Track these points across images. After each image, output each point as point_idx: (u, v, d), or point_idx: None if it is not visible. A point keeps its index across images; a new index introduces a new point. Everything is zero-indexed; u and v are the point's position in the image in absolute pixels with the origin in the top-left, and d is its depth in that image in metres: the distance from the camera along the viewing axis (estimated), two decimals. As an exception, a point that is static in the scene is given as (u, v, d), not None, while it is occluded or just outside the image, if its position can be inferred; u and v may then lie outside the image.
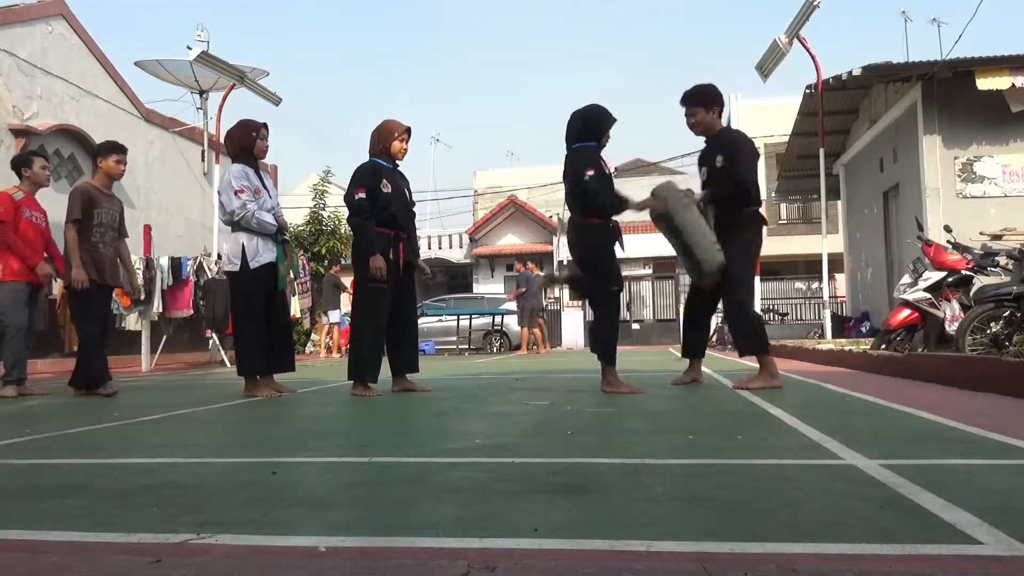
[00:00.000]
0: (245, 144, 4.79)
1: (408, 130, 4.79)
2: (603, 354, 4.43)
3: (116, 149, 5.49)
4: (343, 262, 18.27)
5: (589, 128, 4.48)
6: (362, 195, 4.57)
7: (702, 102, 4.57)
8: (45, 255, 5.61)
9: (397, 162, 4.83)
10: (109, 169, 5.45)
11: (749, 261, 4.53)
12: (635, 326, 23.69)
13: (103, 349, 5.40)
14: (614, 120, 4.55)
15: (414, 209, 4.97)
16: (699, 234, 4.41)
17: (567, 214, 4.96)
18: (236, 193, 4.63)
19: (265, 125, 4.87)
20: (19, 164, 5.69)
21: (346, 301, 14.86)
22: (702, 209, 4.49)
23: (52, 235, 5.77)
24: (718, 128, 4.63)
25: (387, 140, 4.72)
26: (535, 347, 14.83)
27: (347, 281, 15.23)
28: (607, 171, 4.46)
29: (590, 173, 4.29)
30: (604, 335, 4.48)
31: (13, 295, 5.38)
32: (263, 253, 4.69)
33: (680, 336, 5.16)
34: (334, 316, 14.34)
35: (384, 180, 4.65)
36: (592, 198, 4.32)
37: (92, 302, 5.28)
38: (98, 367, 5.23)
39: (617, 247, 4.51)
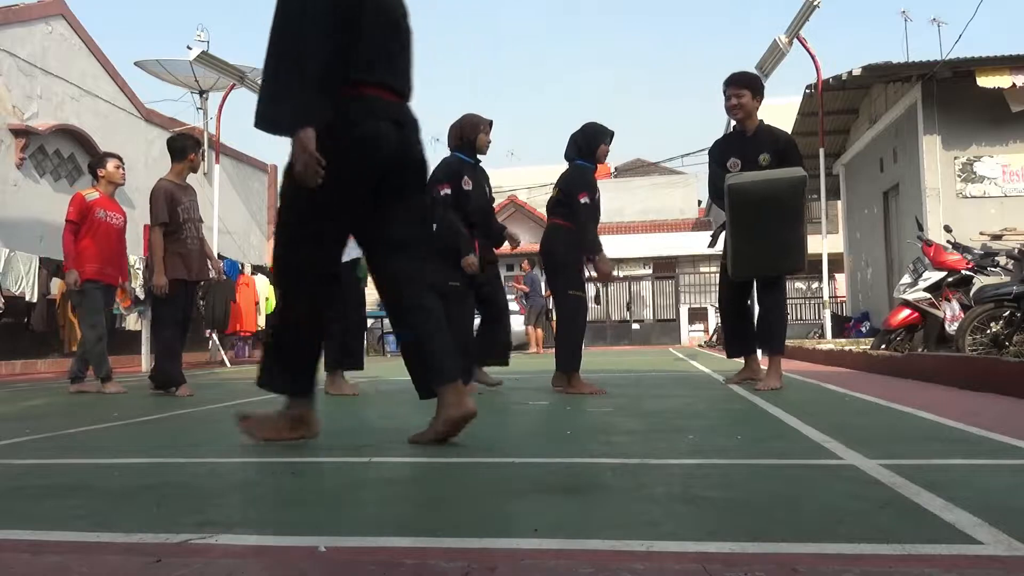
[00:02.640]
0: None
1: (491, 123, 4.77)
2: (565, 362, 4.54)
3: (200, 144, 5.61)
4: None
5: (588, 146, 4.63)
6: (447, 191, 4.56)
7: (752, 86, 4.50)
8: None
9: (479, 157, 4.80)
10: (195, 164, 5.55)
11: None
12: (635, 326, 23.69)
13: (181, 347, 5.48)
14: (609, 134, 4.67)
15: (493, 205, 4.99)
16: (729, 244, 4.44)
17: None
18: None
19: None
20: (94, 165, 5.79)
21: None
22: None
23: (123, 238, 5.81)
24: (756, 120, 4.54)
25: (471, 133, 4.70)
26: (536, 346, 14.84)
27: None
28: (597, 199, 4.58)
29: (583, 200, 4.46)
30: (570, 343, 4.59)
31: (86, 299, 5.44)
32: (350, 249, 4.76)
33: (681, 336, 5.17)
34: None
35: (466, 177, 4.64)
36: (581, 225, 4.49)
37: (176, 304, 5.24)
38: (173, 368, 5.21)
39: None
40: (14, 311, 9.76)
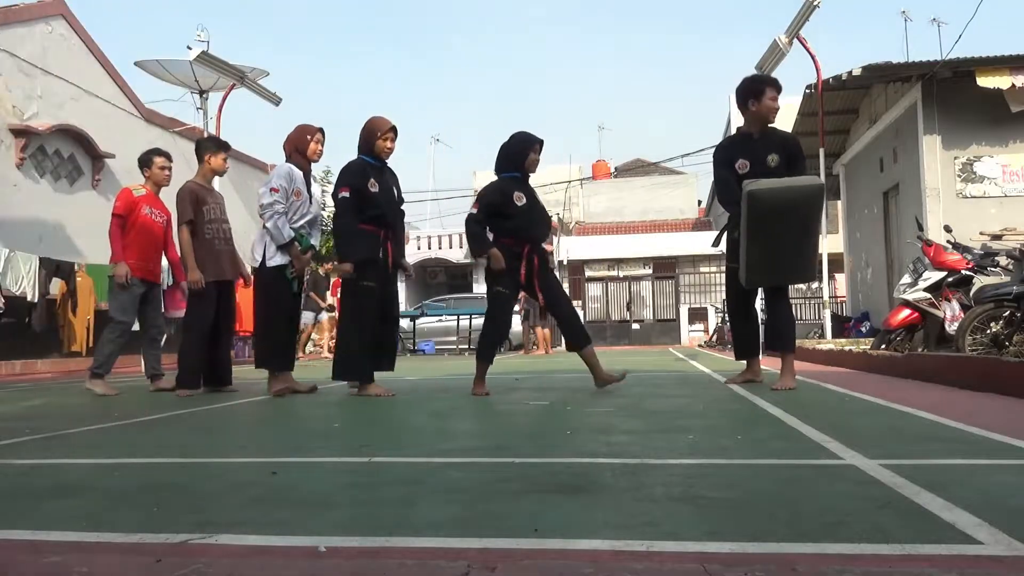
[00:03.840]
0: (300, 146, 4.92)
1: (393, 128, 4.74)
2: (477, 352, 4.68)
3: (225, 147, 5.66)
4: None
5: (510, 159, 4.80)
6: (346, 194, 4.55)
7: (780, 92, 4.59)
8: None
9: (385, 160, 4.79)
10: (218, 167, 5.57)
11: None
12: (635, 326, 23.69)
13: (230, 348, 5.44)
14: (534, 143, 4.78)
15: (403, 208, 4.96)
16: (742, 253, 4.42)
17: (566, 214, 5.02)
18: (271, 191, 4.74)
19: (321, 129, 5.01)
20: (142, 163, 5.83)
21: (321, 299, 14.79)
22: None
23: (166, 236, 5.85)
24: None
25: (371, 139, 4.69)
26: (535, 347, 14.77)
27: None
28: (515, 204, 4.70)
29: (472, 211, 4.72)
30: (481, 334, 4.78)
31: (124, 292, 5.42)
32: (281, 255, 4.78)
33: (681, 336, 5.15)
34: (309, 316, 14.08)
35: (372, 179, 4.60)
36: (467, 235, 4.75)
37: (203, 306, 5.23)
38: (193, 367, 5.19)
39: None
40: (14, 311, 9.76)
